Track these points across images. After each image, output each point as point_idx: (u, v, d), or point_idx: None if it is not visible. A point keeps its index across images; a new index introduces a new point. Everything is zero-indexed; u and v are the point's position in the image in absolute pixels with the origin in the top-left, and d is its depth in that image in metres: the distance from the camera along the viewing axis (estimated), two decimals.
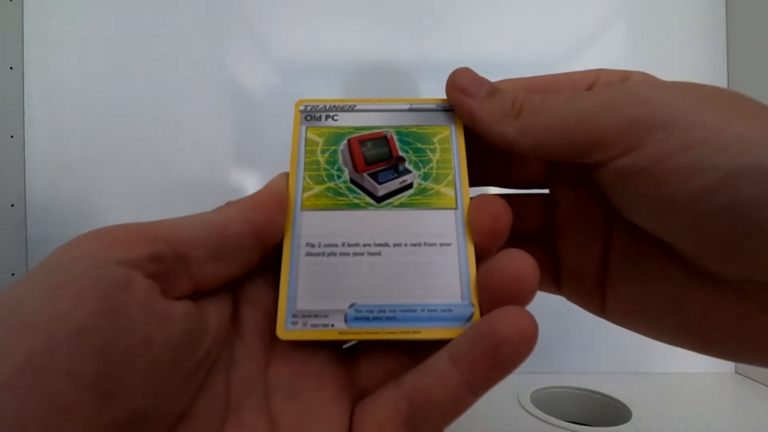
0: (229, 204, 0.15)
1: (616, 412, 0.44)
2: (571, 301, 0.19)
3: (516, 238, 0.19)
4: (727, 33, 0.55)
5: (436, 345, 0.15)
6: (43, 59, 0.54)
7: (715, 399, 0.49)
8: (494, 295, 0.14)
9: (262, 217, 0.15)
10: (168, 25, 0.54)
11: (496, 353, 0.13)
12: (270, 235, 0.15)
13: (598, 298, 0.18)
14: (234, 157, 0.54)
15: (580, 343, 0.54)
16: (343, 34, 0.55)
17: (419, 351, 0.16)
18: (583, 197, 0.19)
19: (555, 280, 0.20)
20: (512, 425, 0.41)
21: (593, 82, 0.18)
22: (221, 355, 0.15)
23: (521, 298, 0.14)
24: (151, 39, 0.54)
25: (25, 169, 0.53)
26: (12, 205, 0.52)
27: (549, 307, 0.15)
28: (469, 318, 0.15)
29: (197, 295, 0.14)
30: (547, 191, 0.20)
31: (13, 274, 0.52)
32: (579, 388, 0.47)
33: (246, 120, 0.54)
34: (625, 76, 0.17)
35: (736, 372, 0.54)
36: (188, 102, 0.54)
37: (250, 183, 0.54)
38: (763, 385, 0.51)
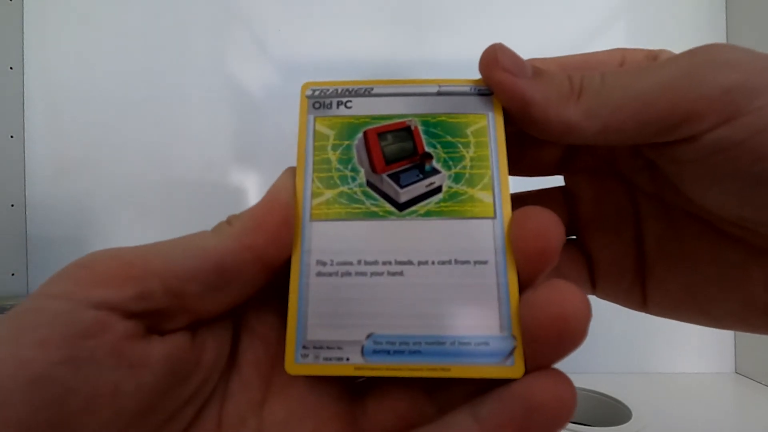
0: (229, 222, 0.14)
1: (616, 412, 0.44)
2: (608, 299, 0.18)
3: None
4: (727, 33, 0.55)
5: (459, 383, 0.14)
6: (43, 59, 0.54)
7: (715, 399, 0.49)
8: (533, 335, 0.12)
9: (265, 241, 0.13)
10: (168, 25, 0.54)
11: (528, 419, 0.11)
12: (276, 258, 0.13)
13: (638, 291, 0.17)
14: (233, 157, 0.54)
15: None
16: (344, 34, 0.55)
17: (439, 390, 0.14)
18: (604, 184, 0.18)
19: (589, 279, 0.18)
20: None
21: (621, 61, 0.16)
22: (217, 388, 0.14)
23: (566, 342, 0.11)
24: (151, 39, 0.54)
25: (25, 169, 0.53)
26: (12, 205, 0.52)
27: None
28: (510, 353, 0.13)
29: (197, 324, 0.14)
30: (563, 183, 0.19)
31: (13, 274, 0.52)
32: (579, 388, 0.46)
33: (246, 120, 0.54)
34: (651, 55, 0.16)
35: (736, 372, 0.54)
36: (188, 102, 0.54)
37: (250, 183, 0.54)
38: (763, 385, 0.51)
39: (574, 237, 0.19)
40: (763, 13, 0.51)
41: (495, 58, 0.14)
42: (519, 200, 0.19)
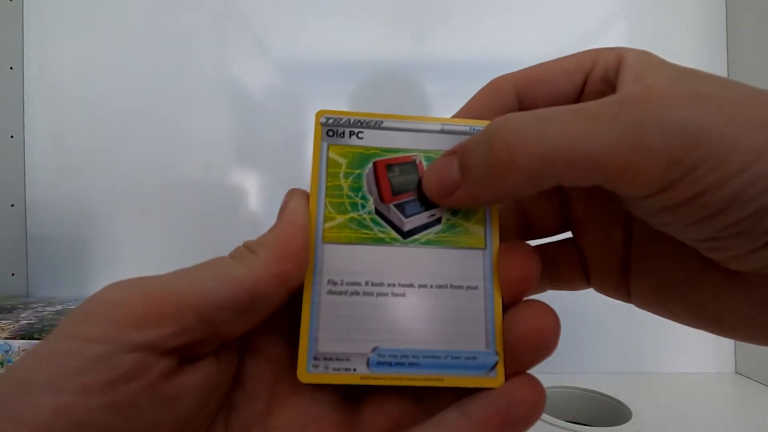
0: (250, 249, 0.14)
1: (616, 412, 0.44)
2: (601, 292, 0.19)
3: (543, 237, 0.19)
4: (727, 33, 0.55)
5: (445, 392, 0.15)
6: (43, 59, 0.54)
7: (715, 399, 0.49)
8: (515, 345, 0.14)
9: (291, 266, 0.14)
10: (168, 25, 0.54)
11: (510, 412, 0.14)
12: (298, 280, 0.14)
13: (624, 286, 0.18)
14: (233, 157, 0.54)
15: (580, 343, 0.54)
16: (344, 34, 0.55)
17: (426, 397, 0.15)
18: (594, 187, 0.18)
19: (583, 275, 0.19)
20: None
21: (591, 67, 0.16)
22: (223, 402, 0.15)
23: (542, 351, 0.14)
24: (151, 39, 0.54)
25: (25, 169, 0.53)
26: (12, 205, 0.52)
27: None
28: (493, 367, 0.15)
29: (222, 347, 0.14)
30: None
31: (13, 274, 0.52)
32: (579, 388, 0.47)
33: (246, 120, 0.54)
34: (620, 57, 0.16)
35: (736, 372, 0.54)
36: (188, 102, 0.54)
37: (250, 183, 0.54)
38: (763, 385, 0.51)
39: (571, 235, 0.19)
40: (763, 13, 0.51)
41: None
42: (514, 203, 0.19)
